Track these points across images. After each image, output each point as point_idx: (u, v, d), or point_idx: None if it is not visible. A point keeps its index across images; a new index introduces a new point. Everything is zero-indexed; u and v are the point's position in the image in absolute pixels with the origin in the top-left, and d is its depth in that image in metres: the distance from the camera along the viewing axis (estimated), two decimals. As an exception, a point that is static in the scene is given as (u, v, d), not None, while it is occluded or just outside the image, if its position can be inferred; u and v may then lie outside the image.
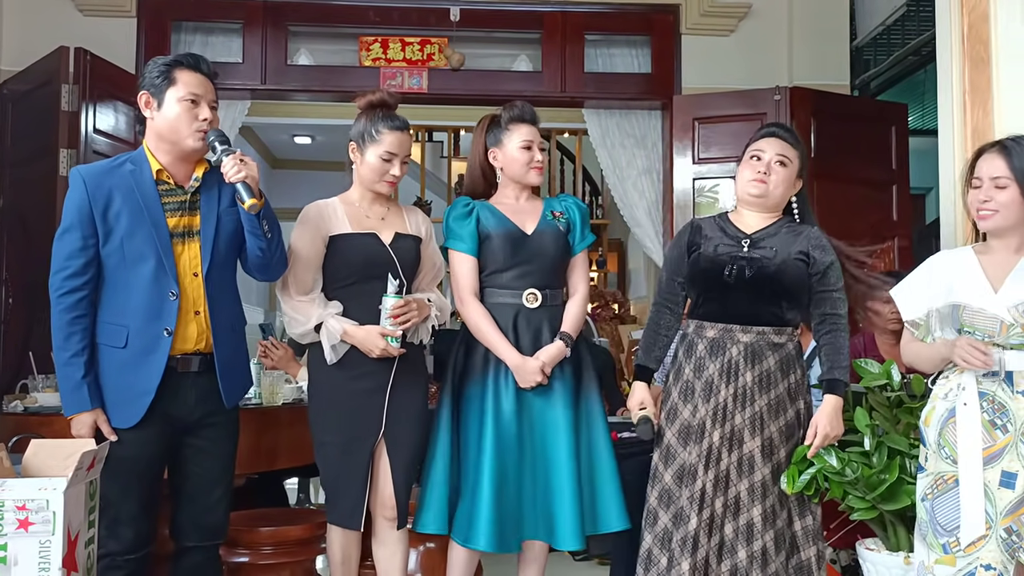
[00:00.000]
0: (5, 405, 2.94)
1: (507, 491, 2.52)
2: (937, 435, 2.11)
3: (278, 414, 3.02)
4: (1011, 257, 2.16)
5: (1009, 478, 2.02)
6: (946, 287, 2.19)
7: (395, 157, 2.56)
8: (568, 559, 4.08)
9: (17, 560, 1.85)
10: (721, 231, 2.51)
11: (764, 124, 2.78)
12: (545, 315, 2.62)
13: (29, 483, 1.90)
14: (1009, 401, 2.06)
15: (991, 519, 2.02)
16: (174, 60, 2.34)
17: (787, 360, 2.43)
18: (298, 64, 4.94)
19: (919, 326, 2.25)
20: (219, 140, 2.31)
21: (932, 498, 2.09)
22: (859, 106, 5.04)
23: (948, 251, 2.30)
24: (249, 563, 2.78)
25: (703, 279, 2.47)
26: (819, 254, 2.44)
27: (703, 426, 2.39)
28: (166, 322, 2.27)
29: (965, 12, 2.72)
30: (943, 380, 2.19)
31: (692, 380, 2.44)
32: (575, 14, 4.98)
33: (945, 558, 2.04)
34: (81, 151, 4.12)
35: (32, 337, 4.00)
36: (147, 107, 2.33)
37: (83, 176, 2.28)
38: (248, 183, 2.26)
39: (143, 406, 2.24)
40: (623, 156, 5.08)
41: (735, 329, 2.42)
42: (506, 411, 2.56)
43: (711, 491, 2.36)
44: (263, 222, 2.32)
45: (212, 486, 2.37)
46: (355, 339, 2.49)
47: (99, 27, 4.61)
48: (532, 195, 2.77)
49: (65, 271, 2.24)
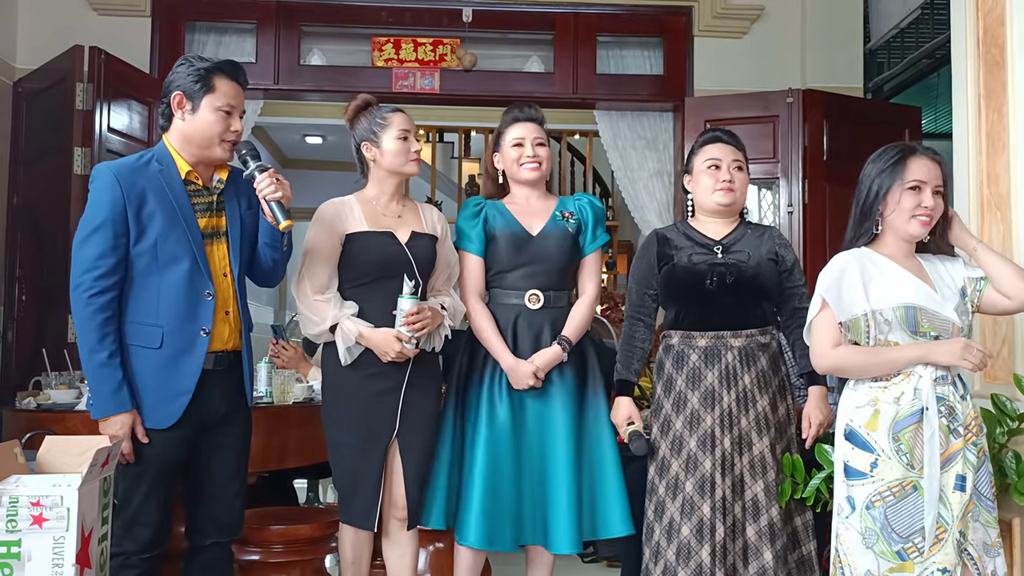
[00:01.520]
0: (18, 402, 2.96)
1: (499, 490, 2.52)
2: (891, 440, 2.06)
3: (289, 413, 3.03)
4: (911, 260, 2.19)
5: (962, 481, 2.04)
6: (882, 287, 2.12)
7: (409, 133, 2.59)
8: (577, 561, 4.07)
9: (31, 556, 1.86)
10: (688, 239, 2.56)
11: (704, 131, 2.81)
12: (547, 317, 2.62)
13: (43, 479, 1.91)
14: (957, 404, 2.08)
15: (947, 523, 2.03)
16: (215, 66, 2.31)
17: (775, 358, 2.51)
18: (310, 64, 4.95)
19: (851, 328, 2.15)
20: (251, 155, 2.31)
21: (884, 505, 2.04)
22: (872, 109, 5.02)
23: (850, 253, 2.20)
24: (260, 561, 2.79)
25: (683, 290, 2.52)
26: (785, 252, 2.56)
27: (713, 435, 2.41)
28: (203, 322, 2.26)
29: (981, 15, 2.70)
30: (880, 385, 2.11)
31: (685, 391, 2.47)
32: (587, 15, 4.98)
33: (902, 565, 2.03)
34: (95, 150, 4.13)
35: (45, 334, 4.02)
36: (179, 108, 2.30)
37: (116, 174, 2.23)
38: (282, 203, 2.27)
39: (181, 406, 2.24)
40: (634, 158, 5.08)
41: (726, 335, 2.46)
42: (500, 412, 2.56)
43: (730, 498, 2.38)
44: (284, 238, 2.34)
45: (230, 482, 2.38)
46: (371, 342, 2.49)
47: (114, 26, 4.63)
48: (546, 194, 2.75)
49: (96, 271, 2.19)
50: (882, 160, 2.20)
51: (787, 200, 4.65)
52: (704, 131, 2.77)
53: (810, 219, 4.60)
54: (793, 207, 4.63)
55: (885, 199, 2.17)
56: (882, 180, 2.17)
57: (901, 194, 2.15)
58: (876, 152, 2.25)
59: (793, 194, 4.63)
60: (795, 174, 4.64)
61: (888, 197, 2.17)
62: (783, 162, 4.66)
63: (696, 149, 2.61)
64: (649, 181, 5.05)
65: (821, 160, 4.65)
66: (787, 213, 4.65)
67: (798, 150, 4.63)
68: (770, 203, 4.81)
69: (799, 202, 4.61)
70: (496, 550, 2.58)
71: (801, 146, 4.62)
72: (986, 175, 2.66)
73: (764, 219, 4.78)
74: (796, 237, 4.59)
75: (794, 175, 4.64)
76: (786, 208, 4.65)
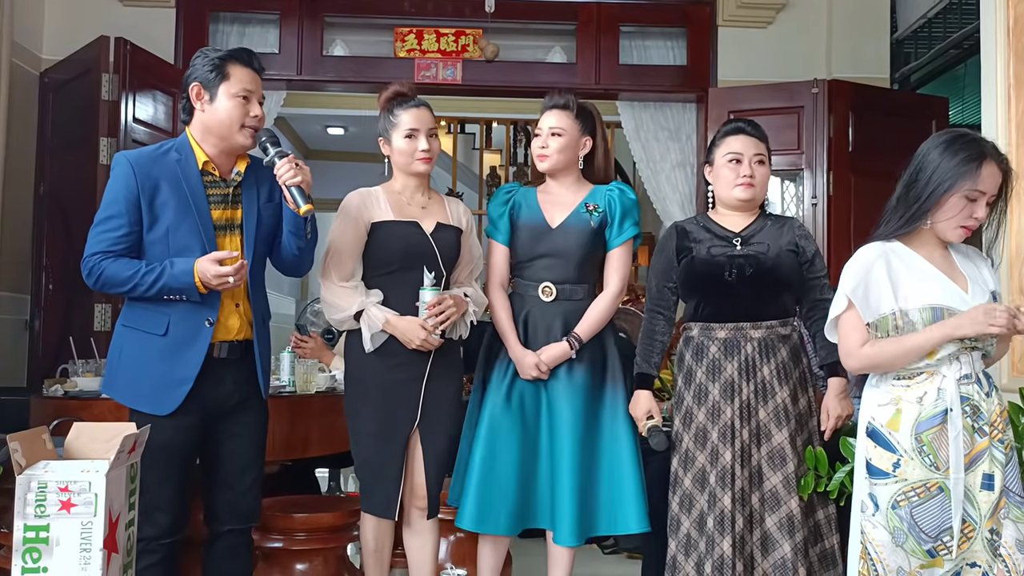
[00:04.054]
0: (46, 389, 3.00)
1: (495, 475, 2.51)
2: (914, 441, 2.01)
3: (311, 402, 3.04)
4: (945, 253, 2.10)
5: (989, 480, 2.00)
6: (911, 286, 2.05)
7: (417, 132, 2.55)
8: (597, 552, 4.07)
9: (59, 541, 1.88)
10: (708, 232, 2.54)
11: (727, 121, 2.73)
12: (560, 310, 2.60)
13: (72, 465, 1.93)
14: (982, 403, 2.02)
15: (975, 521, 2.00)
16: (228, 54, 2.34)
17: (795, 350, 2.50)
18: (333, 55, 4.96)
19: (879, 327, 2.08)
20: (271, 141, 2.33)
21: (909, 505, 2.00)
22: (899, 100, 4.96)
23: (876, 247, 2.09)
24: (282, 548, 2.81)
25: (702, 282, 2.51)
26: (806, 243, 2.53)
27: (732, 426, 2.41)
28: (208, 313, 2.28)
29: (1012, 4, 2.67)
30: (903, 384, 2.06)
31: (705, 383, 2.47)
32: (610, 6, 4.95)
33: (932, 562, 2.01)
34: (121, 140, 4.17)
35: (72, 323, 4.07)
36: (198, 99, 2.33)
37: (131, 162, 2.28)
38: (303, 188, 2.28)
39: (181, 394, 2.26)
40: (657, 149, 5.06)
41: (746, 327, 2.46)
42: (505, 400, 2.56)
43: (748, 488, 2.38)
44: (308, 225, 2.35)
45: (246, 470, 2.40)
46: (396, 329, 2.50)
47: (139, 17, 4.66)
48: (579, 184, 2.69)
49: (105, 253, 2.24)
50: (954, 155, 2.01)
51: (811, 192, 4.61)
52: (727, 121, 2.72)
53: (835, 211, 4.56)
54: (817, 199, 4.59)
55: (942, 200, 2.01)
56: (951, 179, 1.99)
57: (962, 203, 2.00)
58: (941, 139, 2.06)
59: (818, 186, 4.59)
60: (820, 166, 4.60)
61: (947, 200, 2.01)
62: (807, 153, 4.61)
63: (718, 140, 2.57)
64: (672, 173, 5.02)
65: (846, 152, 4.60)
66: (811, 205, 4.61)
67: (823, 141, 4.58)
68: (794, 195, 4.77)
69: (823, 194, 4.57)
70: (488, 532, 2.57)
71: (826, 137, 4.58)
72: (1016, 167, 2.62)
73: (788, 211, 4.74)
74: (820, 229, 4.56)
75: (819, 167, 4.60)
76: (810, 200, 4.61)
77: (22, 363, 4.38)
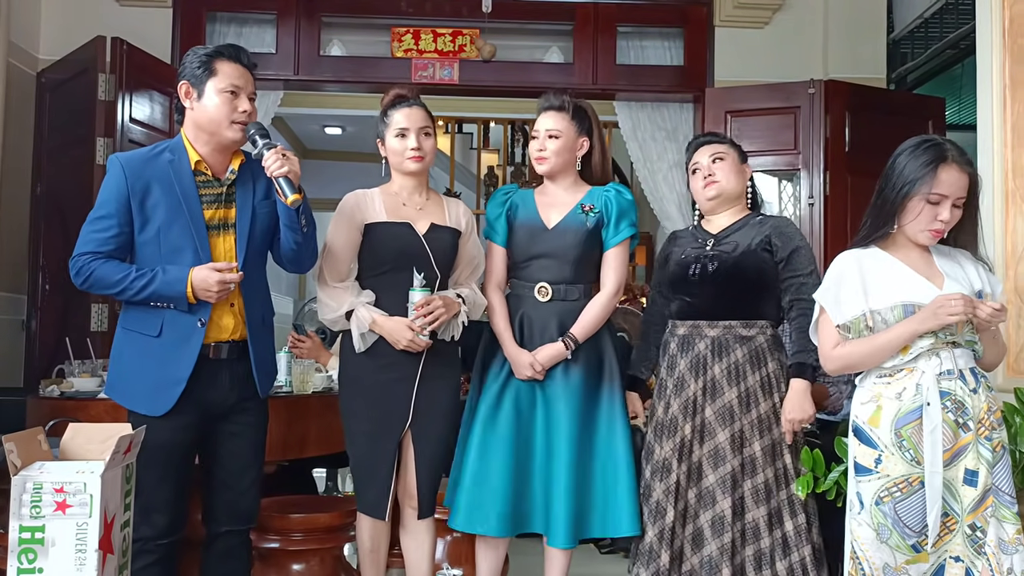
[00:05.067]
0: (42, 390, 2.99)
1: (487, 476, 2.52)
2: (894, 436, 2.04)
3: (308, 403, 3.04)
4: (924, 254, 2.13)
5: (971, 476, 2.02)
6: (882, 287, 2.08)
7: (407, 131, 2.55)
8: (594, 551, 4.08)
9: (55, 541, 1.88)
10: (692, 236, 2.64)
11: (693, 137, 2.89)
12: (555, 310, 2.60)
13: (67, 466, 1.93)
14: (967, 398, 2.04)
15: (957, 515, 2.02)
16: (215, 51, 2.34)
17: (757, 353, 2.49)
18: (330, 55, 4.96)
19: (851, 329, 2.12)
20: (260, 134, 2.32)
21: (892, 501, 2.02)
22: (896, 100, 4.97)
23: (852, 253, 2.15)
24: (279, 549, 2.81)
25: (671, 281, 2.60)
26: (781, 240, 2.51)
27: (675, 421, 2.48)
28: (201, 313, 2.28)
29: (1007, 5, 2.68)
30: (884, 381, 2.09)
31: (665, 378, 2.56)
32: (607, 6, 4.96)
33: (917, 557, 2.03)
34: (117, 140, 4.17)
35: (68, 323, 4.07)
36: (187, 97, 2.33)
37: (122, 164, 2.28)
38: (290, 178, 2.27)
39: (174, 395, 2.25)
40: (654, 149, 5.06)
41: (702, 324, 2.52)
42: (496, 400, 2.57)
43: (684, 484, 2.45)
44: (301, 217, 2.34)
45: (245, 470, 2.39)
46: (383, 330, 2.50)
47: (136, 17, 4.66)
48: (577, 185, 2.69)
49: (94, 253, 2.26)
50: (915, 161, 2.08)
51: (808, 192, 4.61)
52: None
53: (831, 211, 4.57)
54: (814, 199, 4.59)
55: (904, 204, 2.08)
56: (910, 183, 2.06)
57: (922, 205, 2.07)
58: (908, 144, 2.13)
59: (814, 186, 4.60)
60: (816, 166, 4.60)
61: (908, 203, 2.08)
62: (804, 153, 4.62)
63: (687, 160, 2.68)
64: (668, 172, 5.03)
65: (843, 152, 4.61)
66: (808, 205, 4.61)
67: (820, 141, 4.59)
68: (791, 195, 4.78)
69: (820, 194, 4.58)
70: (479, 532, 2.56)
71: (823, 137, 4.58)
72: (1011, 167, 2.64)
73: (785, 211, 4.75)
74: (817, 229, 4.56)
75: (815, 167, 4.61)
76: (807, 200, 4.62)
77: (18, 363, 4.38)
